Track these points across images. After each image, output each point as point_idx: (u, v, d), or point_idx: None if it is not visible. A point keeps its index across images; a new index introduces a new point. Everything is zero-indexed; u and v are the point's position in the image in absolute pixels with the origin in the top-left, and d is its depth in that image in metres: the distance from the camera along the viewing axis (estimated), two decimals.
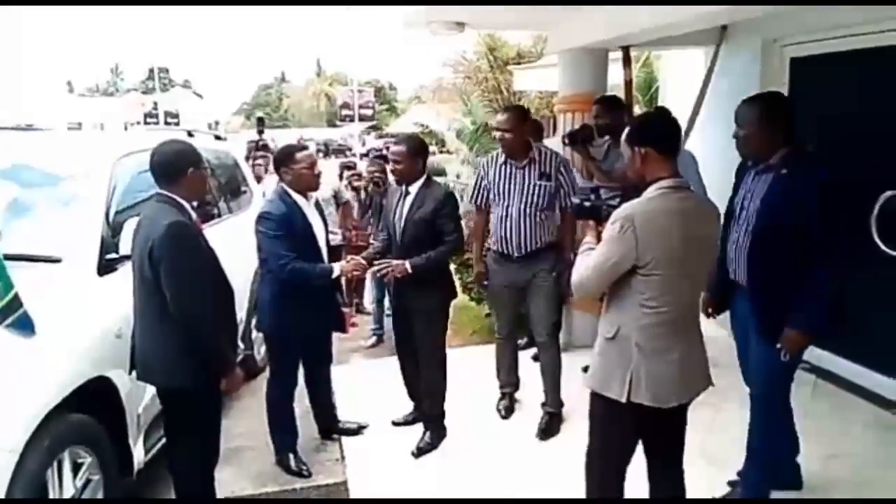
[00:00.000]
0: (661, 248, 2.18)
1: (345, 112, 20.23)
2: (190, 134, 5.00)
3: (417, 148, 3.60)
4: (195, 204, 2.90)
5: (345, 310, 4.08)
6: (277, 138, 10.06)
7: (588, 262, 2.30)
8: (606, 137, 4.22)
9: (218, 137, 5.71)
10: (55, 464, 2.44)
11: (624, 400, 2.26)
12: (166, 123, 20.79)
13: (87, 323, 2.82)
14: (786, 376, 2.81)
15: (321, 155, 13.46)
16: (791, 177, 2.62)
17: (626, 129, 2.39)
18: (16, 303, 2.35)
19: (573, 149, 4.30)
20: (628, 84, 4.88)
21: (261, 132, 11.28)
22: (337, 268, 3.52)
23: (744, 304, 2.87)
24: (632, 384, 2.26)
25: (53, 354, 2.55)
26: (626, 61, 4.86)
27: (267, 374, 3.80)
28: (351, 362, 5.40)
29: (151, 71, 42.63)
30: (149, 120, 24.41)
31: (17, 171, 3.35)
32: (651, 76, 8.94)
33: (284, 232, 3.39)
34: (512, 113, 3.79)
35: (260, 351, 5.14)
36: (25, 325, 2.38)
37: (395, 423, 3.94)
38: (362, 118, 20.32)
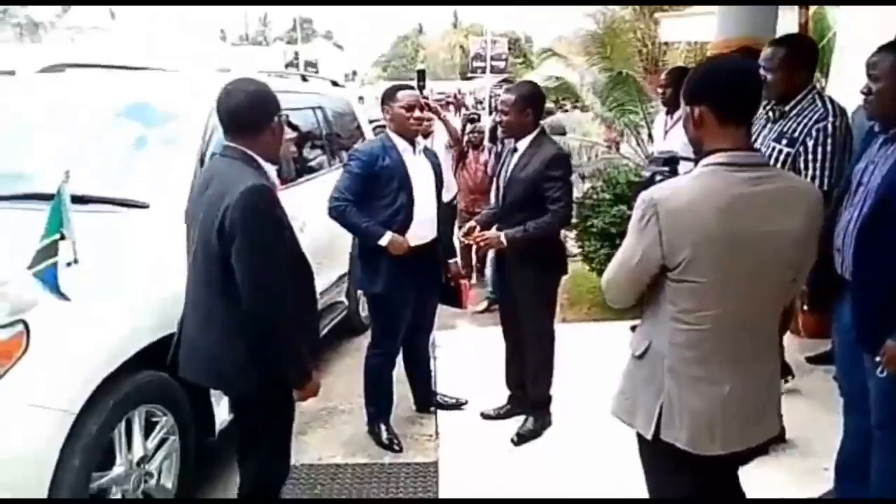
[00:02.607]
0: (697, 246, 1.60)
1: (476, 63, 19.57)
2: (304, 79, 4.81)
3: (528, 97, 3.11)
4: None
5: (463, 281, 3.75)
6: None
7: (615, 259, 1.79)
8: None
9: (335, 84, 5.47)
10: (124, 423, 2.31)
11: (649, 436, 1.76)
12: (333, 84, 21.17)
13: (170, 274, 2.65)
14: None
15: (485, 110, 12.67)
16: None
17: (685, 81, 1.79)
18: (52, 250, 2.10)
19: None
20: (803, 27, 4.08)
21: (421, 87, 10.71)
22: (387, 237, 3.12)
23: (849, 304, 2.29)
24: (661, 418, 1.73)
25: (126, 307, 2.39)
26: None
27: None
28: (457, 328, 5.10)
29: (295, 21, 43.90)
30: (289, 69, 25.09)
31: (139, 111, 3.26)
32: (823, 23, 7.73)
33: (365, 172, 3.12)
34: (782, 48, 2.76)
35: (366, 307, 4.96)
36: (50, 279, 2.10)
37: (483, 416, 3.55)
38: (494, 70, 19.57)
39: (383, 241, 3.12)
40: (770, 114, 2.85)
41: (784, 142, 2.73)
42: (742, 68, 1.76)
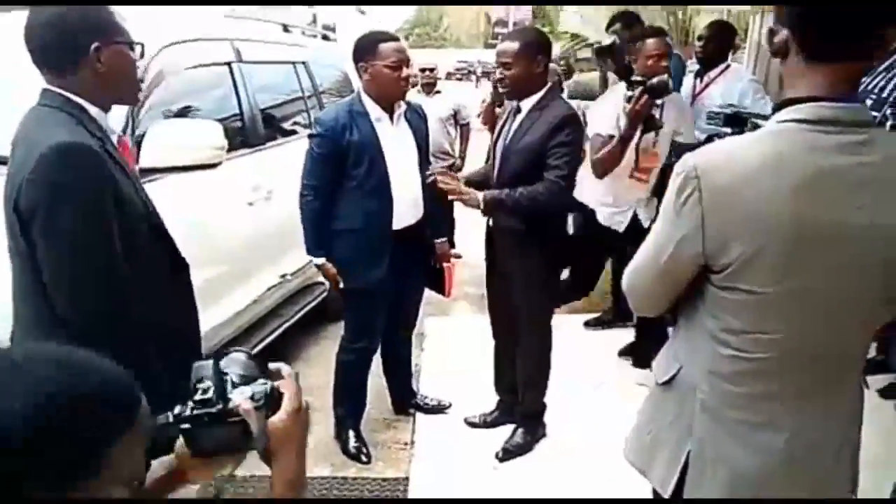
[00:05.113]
0: (758, 241, 1.09)
1: (498, 30, 18.92)
2: (286, 29, 4.28)
3: (535, 46, 2.54)
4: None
5: (447, 265, 3.25)
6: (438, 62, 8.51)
7: (640, 251, 1.28)
8: None
9: (326, 38, 4.94)
10: None
11: (667, 494, 1.28)
12: (324, 38, 20.57)
13: None
14: None
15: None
16: None
17: None
18: None
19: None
20: None
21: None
22: (318, 262, 2.76)
23: None
24: (686, 472, 1.26)
25: None
26: None
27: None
28: (451, 314, 4.60)
29: None
30: (306, 31, 24.46)
31: None
32: None
33: (329, 151, 2.60)
34: None
35: None
36: None
37: (468, 423, 3.08)
38: None
39: (315, 261, 2.76)
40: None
41: None
42: None
